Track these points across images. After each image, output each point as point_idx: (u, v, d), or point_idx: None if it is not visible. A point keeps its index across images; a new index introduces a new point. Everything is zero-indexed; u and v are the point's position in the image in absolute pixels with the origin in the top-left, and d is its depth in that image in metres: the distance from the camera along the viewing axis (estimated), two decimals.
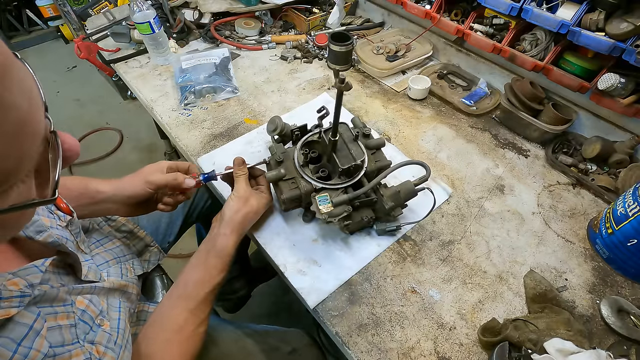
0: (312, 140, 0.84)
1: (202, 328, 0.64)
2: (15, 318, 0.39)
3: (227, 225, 0.71)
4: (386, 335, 0.70)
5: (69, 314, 0.46)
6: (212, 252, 0.69)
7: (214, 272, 0.67)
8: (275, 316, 1.65)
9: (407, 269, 0.79)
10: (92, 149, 2.39)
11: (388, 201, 0.76)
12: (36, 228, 0.50)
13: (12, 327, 0.38)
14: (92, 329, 0.49)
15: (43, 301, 0.44)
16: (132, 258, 0.77)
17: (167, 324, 0.62)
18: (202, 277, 0.66)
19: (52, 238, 0.51)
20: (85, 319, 0.48)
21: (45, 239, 0.50)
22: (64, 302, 0.47)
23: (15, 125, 0.27)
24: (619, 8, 0.86)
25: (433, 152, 1.03)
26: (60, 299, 0.46)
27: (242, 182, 0.76)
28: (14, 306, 0.39)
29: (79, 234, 0.63)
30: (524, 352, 0.63)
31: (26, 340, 0.38)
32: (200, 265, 0.68)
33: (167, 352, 0.59)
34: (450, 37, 1.29)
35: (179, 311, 0.63)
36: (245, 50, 1.36)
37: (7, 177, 0.29)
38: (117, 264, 0.70)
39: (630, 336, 0.70)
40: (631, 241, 0.74)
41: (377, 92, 1.23)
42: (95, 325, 0.49)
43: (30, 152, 0.30)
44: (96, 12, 1.58)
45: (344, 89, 0.60)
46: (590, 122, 1.05)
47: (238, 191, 0.74)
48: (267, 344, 0.82)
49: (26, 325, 0.40)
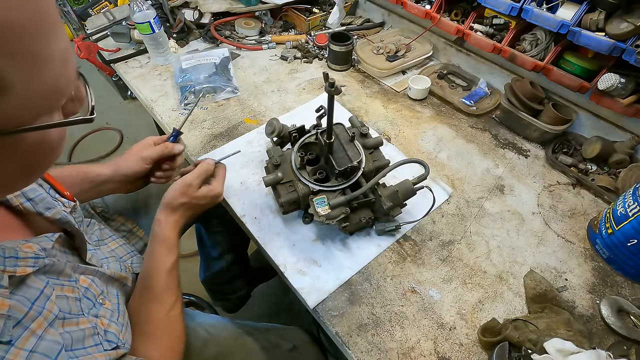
0: (309, 142, 0.84)
1: (173, 312, 0.65)
2: (28, 282, 0.41)
3: (161, 211, 0.71)
4: (386, 335, 0.70)
5: (74, 289, 0.48)
6: (153, 241, 0.69)
7: (160, 259, 0.68)
8: (275, 316, 1.65)
9: (407, 269, 0.79)
10: (92, 149, 2.39)
11: (386, 201, 0.76)
12: (46, 205, 0.52)
13: (25, 289, 0.41)
14: (95, 305, 0.51)
15: (51, 272, 0.46)
16: (132, 257, 0.77)
17: (138, 319, 0.63)
18: (152, 266, 0.67)
19: (60, 215, 0.53)
20: (88, 296, 0.50)
21: (53, 215, 0.53)
22: (69, 277, 0.49)
23: (65, 50, 0.32)
24: (619, 8, 0.86)
25: (433, 152, 1.03)
26: (66, 274, 0.49)
27: (194, 172, 0.75)
28: (30, 265, 0.42)
29: (82, 222, 0.64)
30: (524, 352, 0.63)
31: (39, 301, 0.41)
32: (147, 256, 0.69)
33: (145, 344, 0.60)
34: (450, 37, 1.29)
35: (145, 304, 0.64)
36: (245, 50, 1.36)
37: (60, 95, 0.34)
38: (116, 261, 0.71)
39: (630, 336, 0.70)
40: (631, 241, 0.74)
41: (377, 92, 1.23)
42: (97, 303, 0.52)
43: (73, 75, 0.35)
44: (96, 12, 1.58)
45: (333, 93, 0.60)
46: (590, 122, 1.05)
47: (186, 177, 0.74)
48: (267, 341, 0.83)
49: (37, 289, 0.42)
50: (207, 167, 0.76)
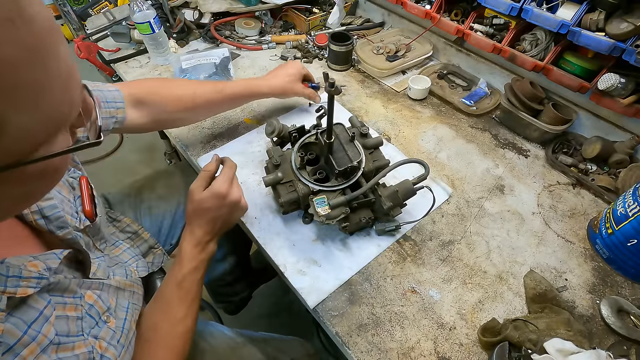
0: (309, 142, 0.84)
1: (180, 327, 0.64)
2: (29, 301, 0.41)
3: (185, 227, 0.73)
4: (386, 335, 0.70)
5: (77, 307, 0.48)
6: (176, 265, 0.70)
7: (172, 270, 0.68)
8: (275, 316, 1.65)
9: (407, 269, 0.79)
10: (92, 149, 2.38)
11: (386, 201, 0.76)
12: (59, 224, 0.52)
13: (25, 309, 0.40)
14: (98, 324, 0.50)
15: (56, 290, 0.46)
16: (137, 260, 0.77)
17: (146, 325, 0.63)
18: (166, 276, 0.68)
19: (70, 235, 0.53)
20: (92, 314, 0.50)
21: (64, 235, 0.52)
22: (74, 294, 0.48)
23: (66, 73, 0.30)
24: (619, 8, 0.85)
25: (433, 152, 1.03)
26: (71, 290, 0.48)
27: (197, 179, 0.74)
28: (31, 286, 0.41)
29: (97, 234, 0.65)
30: (524, 352, 0.63)
31: (36, 323, 0.40)
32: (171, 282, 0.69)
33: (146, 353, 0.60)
34: (450, 37, 1.29)
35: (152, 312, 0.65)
36: (245, 50, 1.36)
37: (63, 122, 0.32)
38: (121, 267, 0.70)
39: (630, 336, 0.70)
40: (631, 241, 0.74)
41: (377, 92, 1.23)
42: (101, 321, 0.51)
43: (77, 99, 0.34)
44: (96, 12, 1.58)
45: (334, 93, 0.60)
46: (590, 122, 1.05)
47: (189, 189, 0.73)
48: (265, 353, 0.82)
49: (37, 309, 0.41)
50: (208, 167, 0.75)
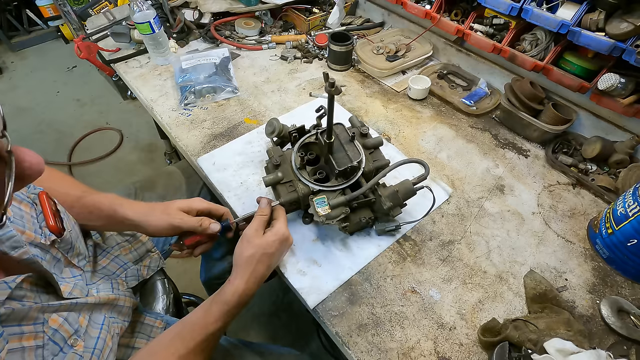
0: (309, 142, 0.84)
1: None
2: None
3: (234, 271, 0.67)
4: (386, 335, 0.70)
5: (37, 334, 0.45)
6: (215, 297, 0.65)
7: (209, 319, 0.62)
8: (275, 316, 1.65)
9: (407, 269, 0.79)
10: (92, 149, 2.39)
11: (386, 201, 0.76)
12: (12, 244, 0.48)
13: None
14: (63, 349, 0.48)
15: (10, 320, 0.43)
16: (125, 270, 0.75)
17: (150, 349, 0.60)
18: (198, 321, 0.63)
19: (27, 255, 0.49)
20: (56, 339, 0.47)
21: (20, 256, 0.48)
22: (35, 320, 0.46)
23: None
24: (619, 8, 0.86)
25: (433, 152, 1.03)
26: (30, 318, 0.45)
27: (253, 223, 0.71)
28: None
29: (71, 249, 0.61)
30: (524, 352, 0.63)
31: None
32: (201, 309, 0.65)
33: None
34: (450, 37, 1.29)
35: (168, 353, 0.59)
36: (245, 50, 1.36)
37: None
38: (107, 280, 0.68)
39: (630, 336, 0.70)
40: (631, 241, 0.74)
41: (377, 92, 1.23)
42: (66, 346, 0.48)
43: None
44: (96, 12, 1.58)
45: (334, 93, 0.60)
46: (590, 122, 1.05)
47: (245, 233, 0.70)
48: None
49: None
50: (264, 212, 0.72)
